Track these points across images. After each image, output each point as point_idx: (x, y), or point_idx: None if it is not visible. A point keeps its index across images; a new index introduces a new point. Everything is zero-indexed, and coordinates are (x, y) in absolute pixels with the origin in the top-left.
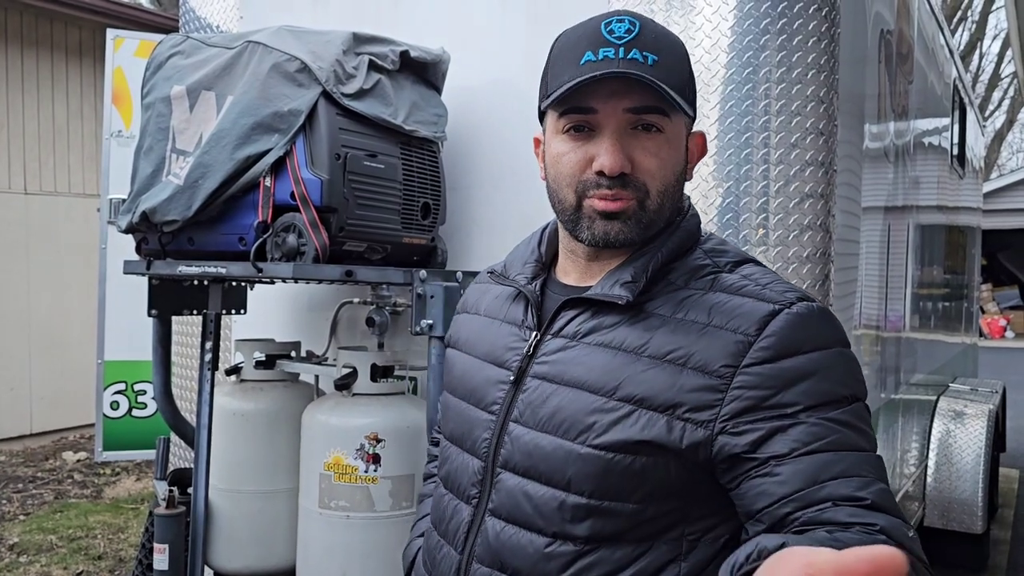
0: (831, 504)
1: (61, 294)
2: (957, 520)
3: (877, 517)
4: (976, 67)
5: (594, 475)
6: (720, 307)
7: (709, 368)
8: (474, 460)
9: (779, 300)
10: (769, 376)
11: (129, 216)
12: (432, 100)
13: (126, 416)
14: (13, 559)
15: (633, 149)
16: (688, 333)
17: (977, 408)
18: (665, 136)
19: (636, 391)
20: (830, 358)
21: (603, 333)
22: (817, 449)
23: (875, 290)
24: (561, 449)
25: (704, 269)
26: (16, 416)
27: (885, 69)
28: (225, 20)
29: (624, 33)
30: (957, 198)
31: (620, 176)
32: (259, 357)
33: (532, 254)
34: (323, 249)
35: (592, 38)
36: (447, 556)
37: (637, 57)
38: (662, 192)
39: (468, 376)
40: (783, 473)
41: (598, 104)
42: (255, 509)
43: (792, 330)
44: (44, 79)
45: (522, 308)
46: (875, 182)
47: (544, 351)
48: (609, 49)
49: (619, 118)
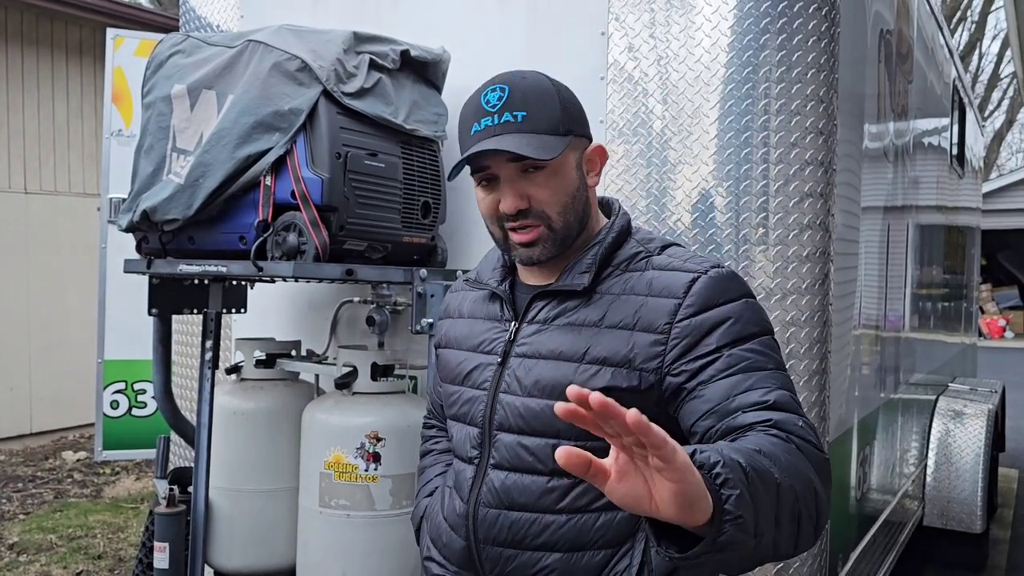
0: (740, 412)
1: (61, 293)
2: (956, 520)
3: (773, 415)
4: (975, 67)
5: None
6: (654, 280)
7: (652, 327)
8: (471, 428)
9: (697, 269)
10: (695, 326)
11: (129, 215)
12: (432, 99)
13: (126, 415)
14: (13, 558)
15: (527, 187)
16: (634, 305)
17: (976, 408)
18: (550, 169)
19: (600, 353)
20: (739, 307)
21: (568, 315)
22: (732, 373)
23: (875, 290)
24: (549, 407)
25: (639, 255)
26: (16, 415)
27: (885, 69)
28: (225, 19)
29: (496, 100)
30: (956, 198)
31: (520, 212)
32: (259, 356)
33: (499, 261)
34: (323, 248)
35: (475, 110)
36: (458, 506)
37: (509, 118)
38: (562, 212)
39: (462, 366)
40: (706, 394)
41: (490, 162)
42: (255, 508)
43: (707, 289)
44: (44, 78)
45: (498, 305)
46: (875, 182)
47: (522, 335)
48: (488, 118)
49: (508, 168)
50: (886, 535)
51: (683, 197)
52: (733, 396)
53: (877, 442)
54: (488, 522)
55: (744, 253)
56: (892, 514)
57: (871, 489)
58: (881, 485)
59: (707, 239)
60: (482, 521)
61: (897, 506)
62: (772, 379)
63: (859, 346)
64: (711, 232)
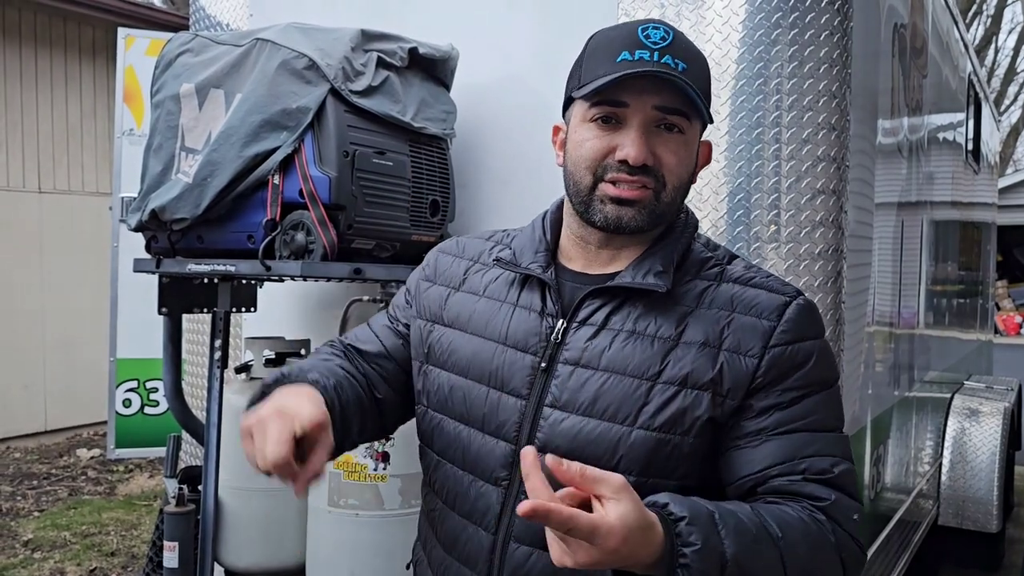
0: (804, 479)
1: (74, 292)
2: (972, 519)
3: (834, 494)
4: (991, 61)
5: (644, 456)
6: (737, 296)
7: (744, 349)
8: (501, 443)
9: (786, 291)
10: (786, 358)
11: (139, 214)
12: (441, 97)
13: (138, 414)
14: (27, 555)
15: (656, 145)
16: (718, 321)
17: (992, 406)
18: (685, 137)
19: (680, 373)
20: (821, 346)
21: (634, 321)
22: (799, 428)
23: (888, 287)
24: (609, 432)
25: (709, 261)
26: (31, 413)
27: (899, 63)
28: (235, 18)
29: (659, 39)
30: (972, 193)
31: (643, 166)
32: (269, 355)
33: (540, 242)
34: (331, 247)
35: (629, 40)
36: (475, 536)
37: (669, 62)
38: (676, 188)
39: (480, 358)
40: (769, 447)
41: (629, 99)
42: (265, 507)
43: (801, 319)
44: (58, 78)
45: (538, 295)
46: (888, 178)
47: (573, 338)
48: (644, 52)
49: (647, 114)
50: (900, 534)
51: (694, 194)
52: (801, 458)
53: (891, 440)
54: (517, 561)
55: (756, 250)
56: (906, 513)
57: (885, 488)
58: (895, 484)
59: (718, 236)
60: (510, 558)
61: (911, 505)
62: (839, 445)
63: (872, 344)
64: (723, 230)
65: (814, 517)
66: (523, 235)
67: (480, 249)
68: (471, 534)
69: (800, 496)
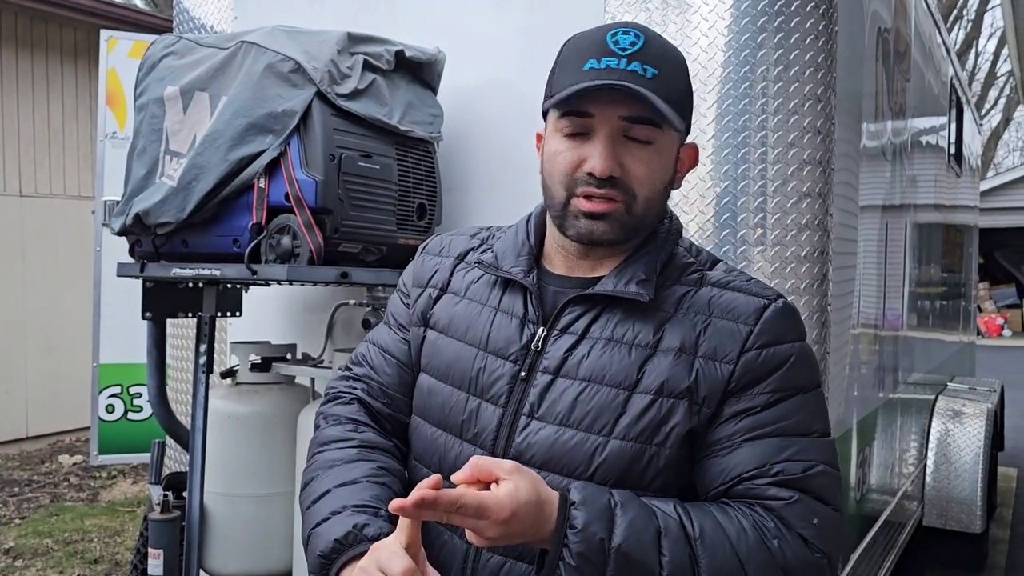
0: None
1: (56, 297)
2: (956, 519)
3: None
4: (972, 65)
5: (620, 467)
6: (715, 300)
7: (719, 355)
8: (477, 451)
9: (765, 295)
10: (760, 362)
11: (122, 218)
12: (428, 100)
13: (122, 419)
14: (9, 563)
15: (624, 156)
16: (695, 327)
17: (975, 407)
18: (655, 147)
19: (656, 382)
20: (800, 349)
21: (613, 328)
22: (773, 433)
23: (873, 289)
24: (585, 442)
25: (691, 267)
26: (12, 419)
27: (883, 68)
28: (219, 20)
29: (628, 45)
30: (954, 196)
31: (609, 179)
32: (254, 360)
33: (523, 246)
34: (318, 251)
35: (598, 47)
36: (450, 542)
37: (637, 69)
38: (649, 199)
39: (460, 364)
40: (742, 454)
41: (595, 109)
42: (251, 513)
43: (778, 322)
44: (39, 81)
45: (520, 300)
46: (873, 181)
47: (553, 347)
48: (612, 59)
49: (613, 124)
50: (886, 536)
51: (680, 198)
52: (773, 463)
53: (876, 442)
54: (491, 569)
55: (742, 253)
56: (892, 515)
57: (871, 490)
58: (880, 486)
59: (705, 240)
60: (483, 566)
61: (897, 507)
62: (818, 449)
63: (858, 346)
64: (709, 233)
65: (758, 522)
66: (506, 238)
67: (466, 247)
68: (446, 541)
69: (760, 499)
